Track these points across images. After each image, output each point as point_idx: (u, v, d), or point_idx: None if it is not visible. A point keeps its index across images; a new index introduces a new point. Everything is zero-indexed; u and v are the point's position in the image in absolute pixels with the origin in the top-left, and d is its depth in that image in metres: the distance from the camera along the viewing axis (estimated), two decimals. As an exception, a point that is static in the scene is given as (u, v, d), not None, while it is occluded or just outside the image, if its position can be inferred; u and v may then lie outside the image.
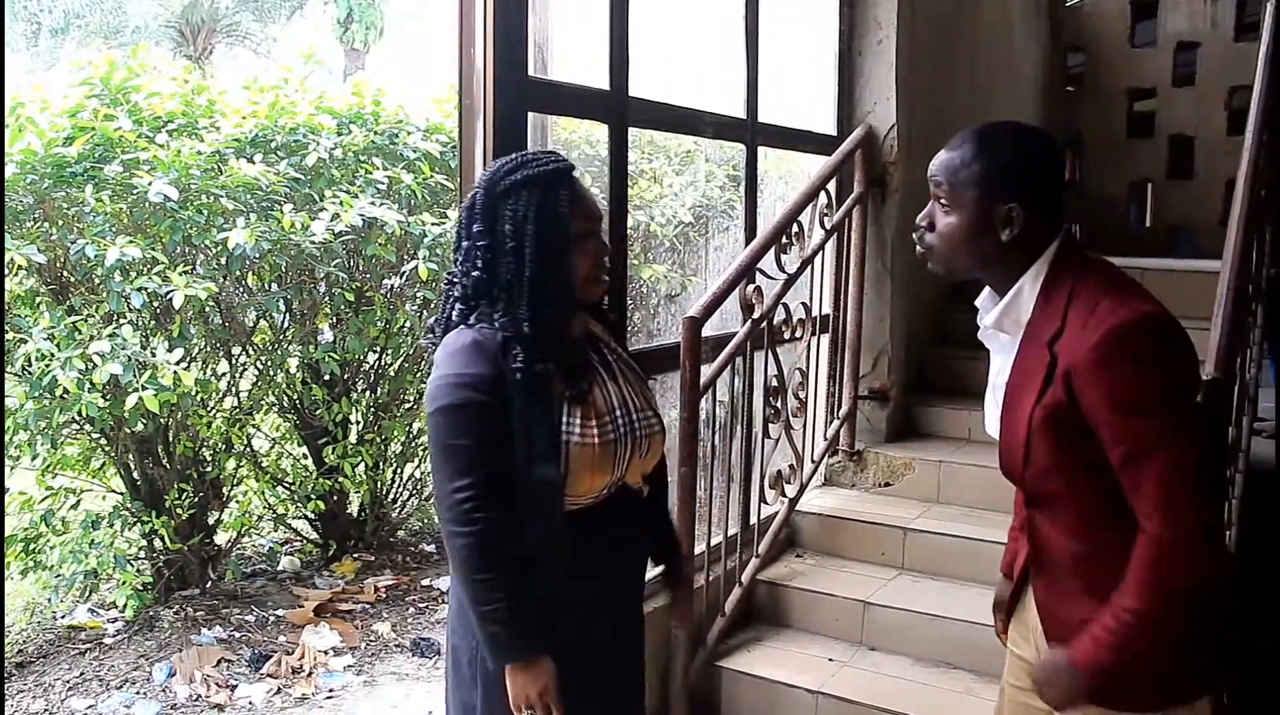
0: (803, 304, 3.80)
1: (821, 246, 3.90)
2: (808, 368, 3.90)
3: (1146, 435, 1.57)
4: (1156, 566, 1.59)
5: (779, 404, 3.63)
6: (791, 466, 3.82)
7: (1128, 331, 1.58)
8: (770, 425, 3.62)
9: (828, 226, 3.93)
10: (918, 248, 1.81)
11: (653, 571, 2.23)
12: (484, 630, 1.80)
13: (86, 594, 4.79)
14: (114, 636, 4.58)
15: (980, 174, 1.70)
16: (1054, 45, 6.98)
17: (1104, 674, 1.65)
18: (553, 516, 1.83)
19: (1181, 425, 1.58)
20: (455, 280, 1.91)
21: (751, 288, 3.38)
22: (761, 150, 3.93)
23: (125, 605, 4.48)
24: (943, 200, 1.75)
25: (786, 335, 3.71)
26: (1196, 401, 1.68)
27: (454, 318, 1.90)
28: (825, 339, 4.12)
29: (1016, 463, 1.75)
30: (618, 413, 1.91)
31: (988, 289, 1.83)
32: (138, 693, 4.13)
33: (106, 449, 4.72)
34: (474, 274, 1.86)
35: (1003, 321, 1.76)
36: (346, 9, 19.76)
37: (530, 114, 2.72)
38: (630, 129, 3.14)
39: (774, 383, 3.60)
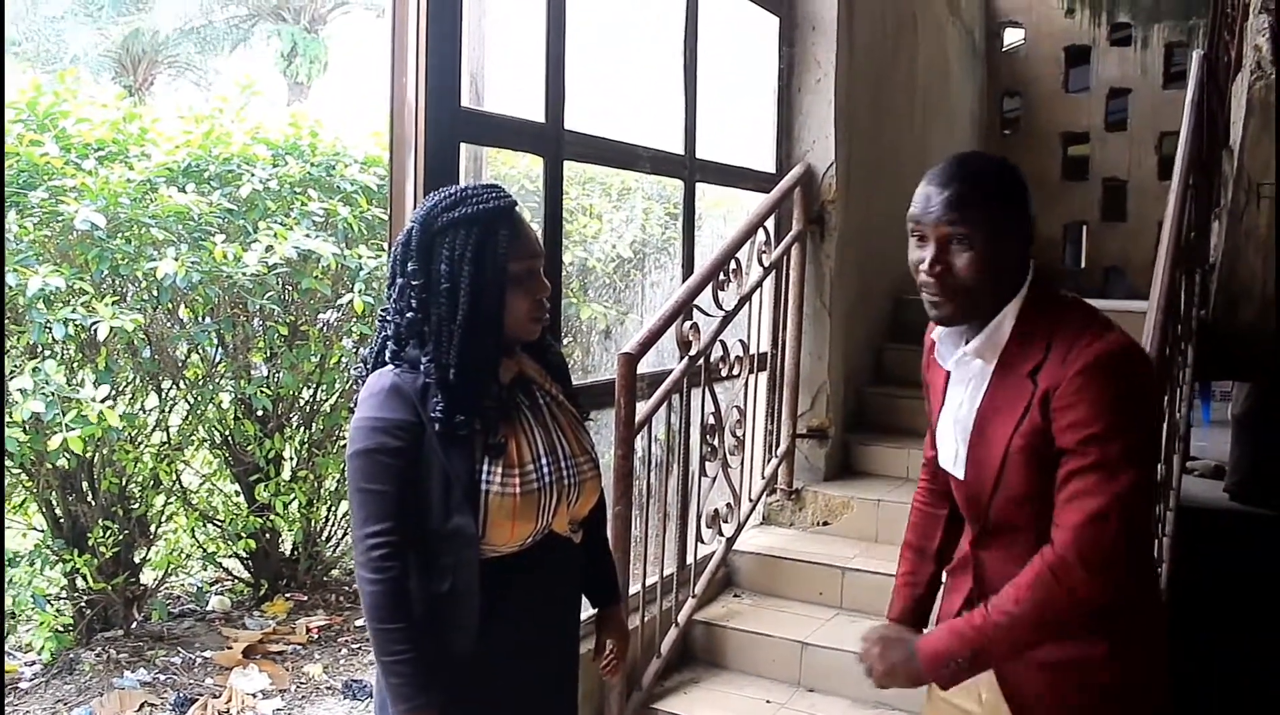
0: (740, 341, 3.79)
1: (759, 283, 3.90)
2: (745, 405, 3.88)
3: (1099, 460, 1.59)
4: (1048, 585, 1.60)
5: (716, 442, 3.61)
6: (729, 505, 3.79)
7: (1111, 361, 1.61)
8: (707, 463, 3.59)
9: (766, 264, 3.94)
10: (927, 297, 1.73)
11: (589, 613, 2.19)
12: (386, 679, 1.76)
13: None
14: (30, 680, 4.41)
15: (995, 203, 1.68)
16: (991, 89, 7.12)
17: (944, 669, 1.66)
18: (468, 566, 1.78)
19: (1135, 462, 1.61)
20: (389, 319, 1.85)
21: (689, 324, 3.36)
22: (700, 188, 3.93)
23: (43, 647, 4.33)
24: (952, 237, 1.67)
25: (724, 372, 3.70)
26: (1156, 437, 1.73)
27: (385, 356, 1.84)
28: (763, 377, 4.12)
29: (984, 492, 1.74)
30: (544, 461, 1.85)
31: None
32: (54, 739, 3.99)
33: (27, 485, 4.56)
34: (408, 315, 1.80)
35: (983, 349, 1.74)
36: (290, 42, 19.68)
37: (464, 146, 2.69)
38: (567, 163, 3.12)
39: (711, 420, 3.57)
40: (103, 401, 4.03)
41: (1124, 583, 1.64)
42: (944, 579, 2.02)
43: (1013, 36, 7.31)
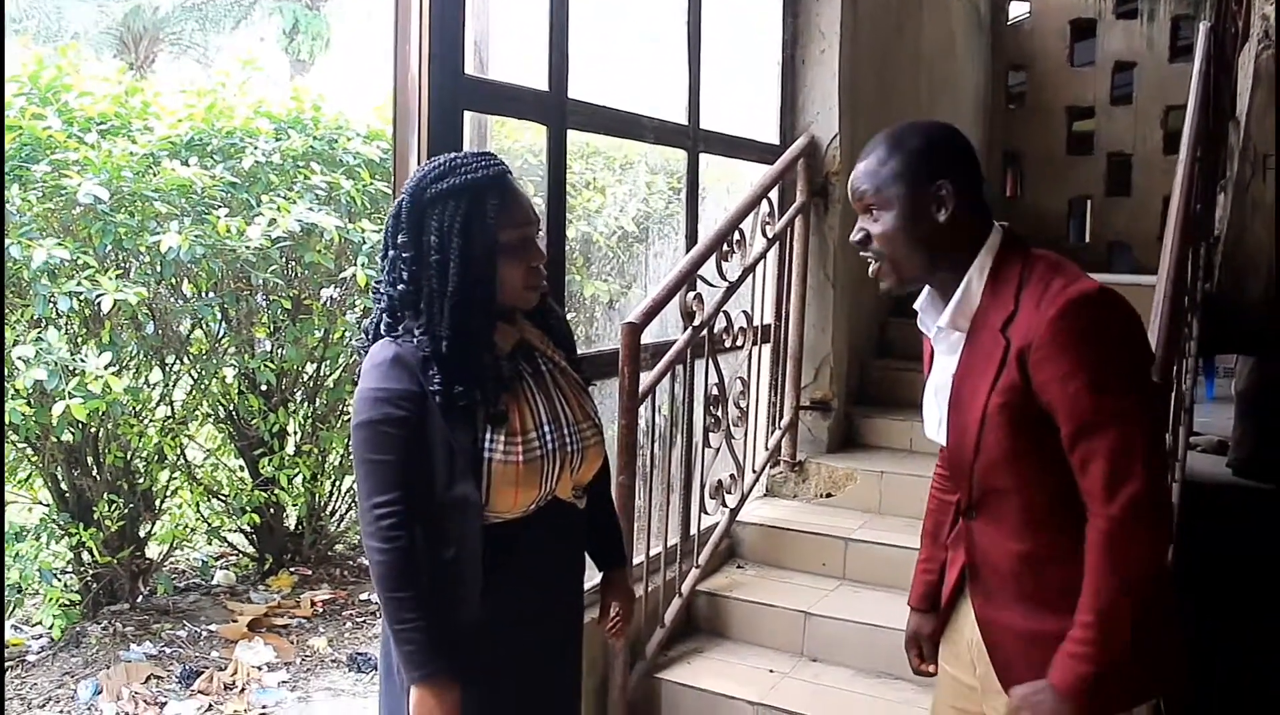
0: (744, 312, 3.78)
1: (763, 255, 3.89)
2: (749, 377, 3.87)
3: (1099, 410, 1.56)
4: (1112, 552, 1.57)
5: (720, 413, 3.60)
6: (732, 476, 3.79)
7: (1082, 306, 1.58)
8: (711, 434, 3.59)
9: (770, 235, 3.93)
10: (870, 269, 1.80)
11: (593, 581, 2.19)
12: (398, 647, 1.76)
13: (10, 610, 4.64)
14: (38, 654, 4.44)
15: (899, 167, 1.72)
16: (995, 63, 7.08)
17: (1090, 689, 1.61)
18: (472, 534, 1.79)
19: (1134, 399, 1.59)
20: (381, 291, 1.86)
21: (692, 295, 3.36)
22: (704, 159, 3.92)
23: (50, 621, 4.35)
24: (871, 207, 1.75)
25: (728, 343, 3.69)
26: (1150, 373, 1.71)
27: (381, 329, 1.85)
28: (767, 348, 4.11)
29: (966, 457, 1.73)
30: (546, 428, 1.86)
31: (927, 290, 1.82)
32: (62, 712, 4.01)
33: (33, 459, 4.58)
34: (399, 287, 1.81)
35: (956, 318, 1.74)
36: (292, 20, 19.58)
37: (467, 115, 2.68)
38: (571, 133, 3.11)
39: (715, 391, 3.57)
40: (106, 368, 4.03)
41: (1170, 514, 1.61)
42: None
43: (1018, 10, 7.26)
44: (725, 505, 3.78)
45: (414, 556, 1.76)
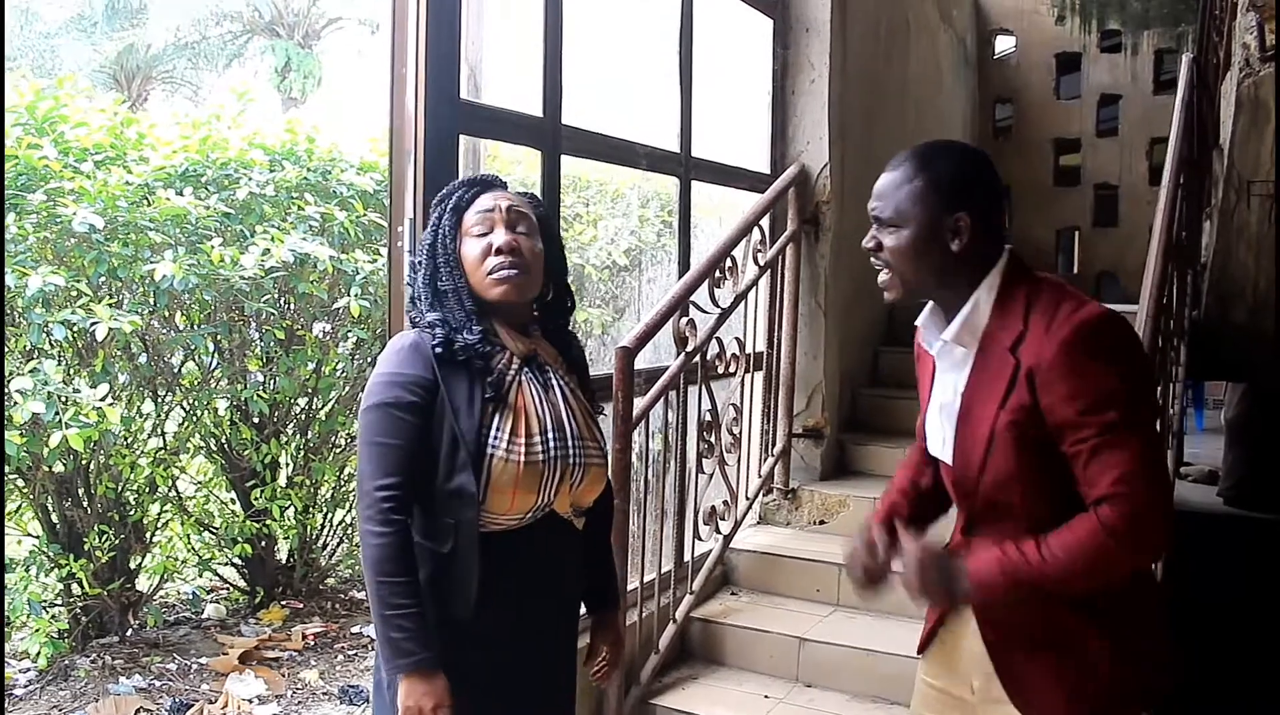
0: (736, 339, 3.80)
1: (755, 282, 3.92)
2: (742, 404, 3.89)
3: (1108, 429, 1.59)
4: (1104, 547, 1.59)
5: (713, 439, 3.61)
6: (726, 503, 3.80)
7: (1093, 328, 1.61)
8: (704, 461, 3.60)
9: (761, 263, 3.96)
10: (878, 277, 1.80)
11: (585, 619, 2.19)
12: (384, 634, 1.75)
13: (-3, 643, 4.60)
14: (25, 687, 4.39)
15: (924, 188, 1.71)
16: (983, 96, 7.17)
17: (988, 595, 1.68)
18: (469, 527, 1.80)
19: (1141, 418, 1.63)
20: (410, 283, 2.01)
21: (685, 320, 3.38)
22: (696, 189, 3.95)
23: (38, 653, 4.31)
24: (886, 222, 1.75)
25: (720, 370, 3.71)
26: (1154, 392, 1.75)
27: (410, 319, 1.98)
28: (759, 376, 4.13)
29: (972, 474, 1.74)
30: (551, 435, 1.88)
31: (930, 306, 1.84)
32: (50, 744, 3.97)
33: (24, 490, 4.55)
34: (407, 277, 2.00)
35: (962, 334, 1.75)
36: (285, 58, 19.73)
37: (461, 145, 2.70)
38: (563, 164, 3.13)
39: (708, 418, 3.58)
40: (101, 400, 4.02)
41: (1170, 533, 1.61)
42: None
43: (1004, 44, 7.36)
44: (719, 532, 3.78)
45: (410, 542, 1.77)
